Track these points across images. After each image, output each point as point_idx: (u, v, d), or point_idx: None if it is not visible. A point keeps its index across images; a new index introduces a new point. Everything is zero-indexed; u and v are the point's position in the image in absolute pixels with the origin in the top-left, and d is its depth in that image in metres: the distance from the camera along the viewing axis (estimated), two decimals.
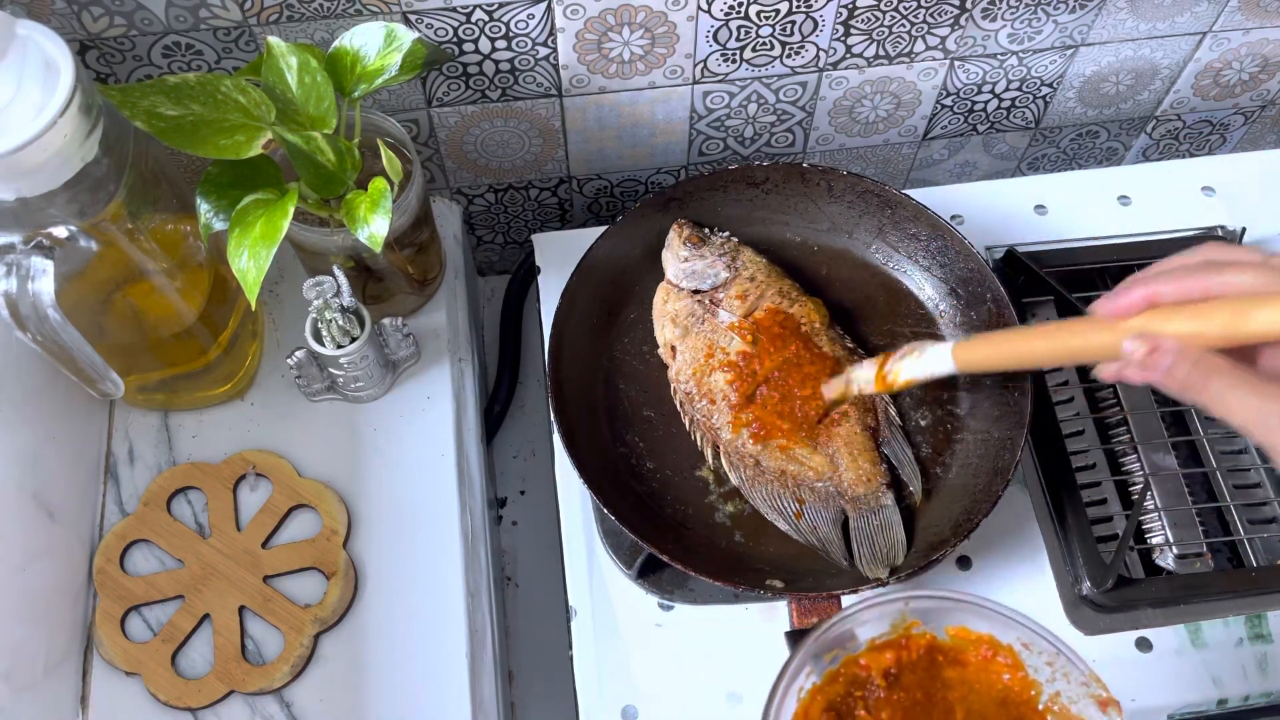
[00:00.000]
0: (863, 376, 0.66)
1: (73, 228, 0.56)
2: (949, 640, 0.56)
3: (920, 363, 0.62)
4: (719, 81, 0.82)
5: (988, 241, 0.84)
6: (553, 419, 0.69)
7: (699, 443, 0.72)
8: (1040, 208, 0.87)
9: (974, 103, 0.90)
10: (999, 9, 0.79)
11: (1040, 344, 0.55)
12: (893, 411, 0.72)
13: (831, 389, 0.68)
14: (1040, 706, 0.55)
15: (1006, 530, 0.73)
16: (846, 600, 0.62)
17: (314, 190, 0.63)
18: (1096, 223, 0.86)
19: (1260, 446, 0.44)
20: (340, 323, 0.69)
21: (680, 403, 0.73)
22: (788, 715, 0.54)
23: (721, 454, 0.71)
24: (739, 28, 0.77)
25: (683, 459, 0.73)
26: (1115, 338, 0.48)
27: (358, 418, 0.76)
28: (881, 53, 0.82)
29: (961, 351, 0.59)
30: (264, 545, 0.70)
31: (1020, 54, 0.85)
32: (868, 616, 0.55)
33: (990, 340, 0.58)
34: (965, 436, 0.72)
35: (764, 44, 0.79)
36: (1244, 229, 0.83)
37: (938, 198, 0.85)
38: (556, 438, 0.70)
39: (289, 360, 0.72)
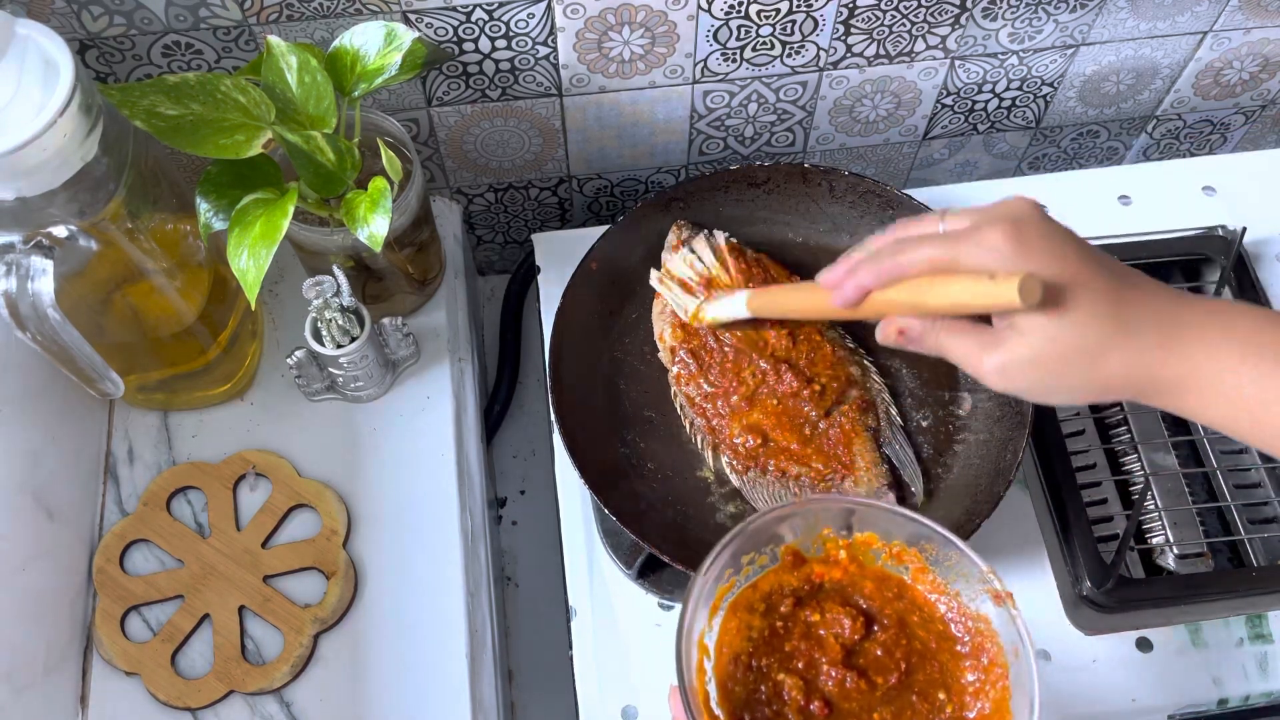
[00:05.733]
0: (682, 307, 0.73)
1: (73, 227, 0.56)
2: (860, 547, 0.56)
3: (720, 306, 0.70)
4: (719, 81, 0.82)
5: None
6: (553, 419, 0.69)
7: (700, 444, 0.72)
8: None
9: (974, 102, 0.90)
10: (999, 8, 0.79)
11: (795, 299, 0.64)
12: (894, 412, 0.72)
13: (669, 313, 0.75)
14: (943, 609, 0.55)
15: (1007, 530, 0.73)
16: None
17: (314, 190, 0.63)
18: (1097, 222, 0.85)
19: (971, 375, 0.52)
20: (340, 322, 0.69)
21: (681, 404, 0.73)
22: (704, 611, 0.53)
23: (722, 455, 0.71)
24: (739, 27, 0.77)
25: (683, 460, 0.73)
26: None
27: (358, 418, 0.76)
28: (882, 52, 0.82)
29: (754, 300, 0.68)
30: (264, 545, 0.70)
31: (1021, 53, 0.85)
32: (781, 514, 0.55)
33: (770, 292, 0.68)
34: (967, 437, 0.72)
35: (764, 43, 0.79)
36: (1244, 229, 0.83)
37: (938, 197, 0.85)
38: (556, 438, 0.70)
39: (289, 360, 0.71)
